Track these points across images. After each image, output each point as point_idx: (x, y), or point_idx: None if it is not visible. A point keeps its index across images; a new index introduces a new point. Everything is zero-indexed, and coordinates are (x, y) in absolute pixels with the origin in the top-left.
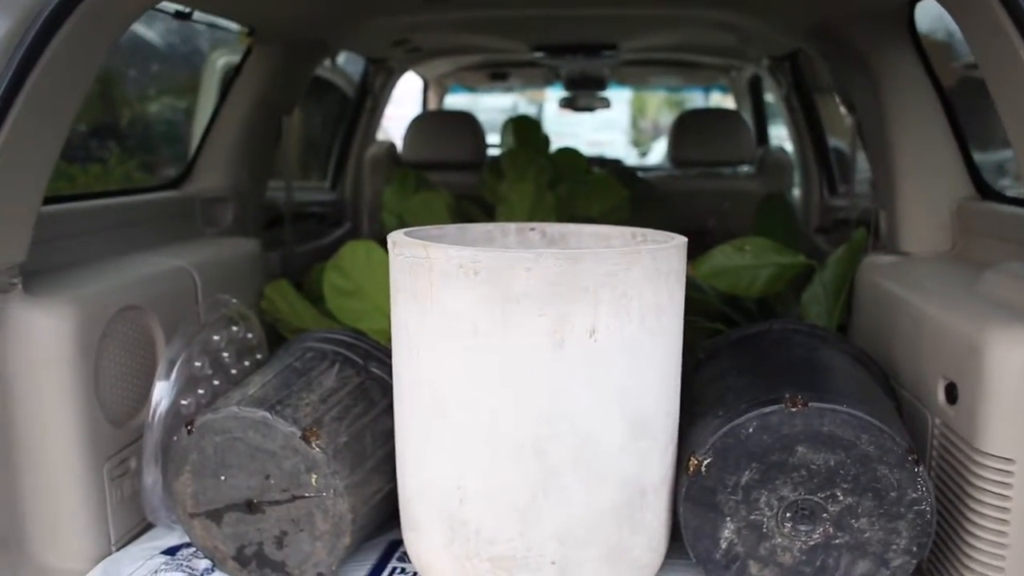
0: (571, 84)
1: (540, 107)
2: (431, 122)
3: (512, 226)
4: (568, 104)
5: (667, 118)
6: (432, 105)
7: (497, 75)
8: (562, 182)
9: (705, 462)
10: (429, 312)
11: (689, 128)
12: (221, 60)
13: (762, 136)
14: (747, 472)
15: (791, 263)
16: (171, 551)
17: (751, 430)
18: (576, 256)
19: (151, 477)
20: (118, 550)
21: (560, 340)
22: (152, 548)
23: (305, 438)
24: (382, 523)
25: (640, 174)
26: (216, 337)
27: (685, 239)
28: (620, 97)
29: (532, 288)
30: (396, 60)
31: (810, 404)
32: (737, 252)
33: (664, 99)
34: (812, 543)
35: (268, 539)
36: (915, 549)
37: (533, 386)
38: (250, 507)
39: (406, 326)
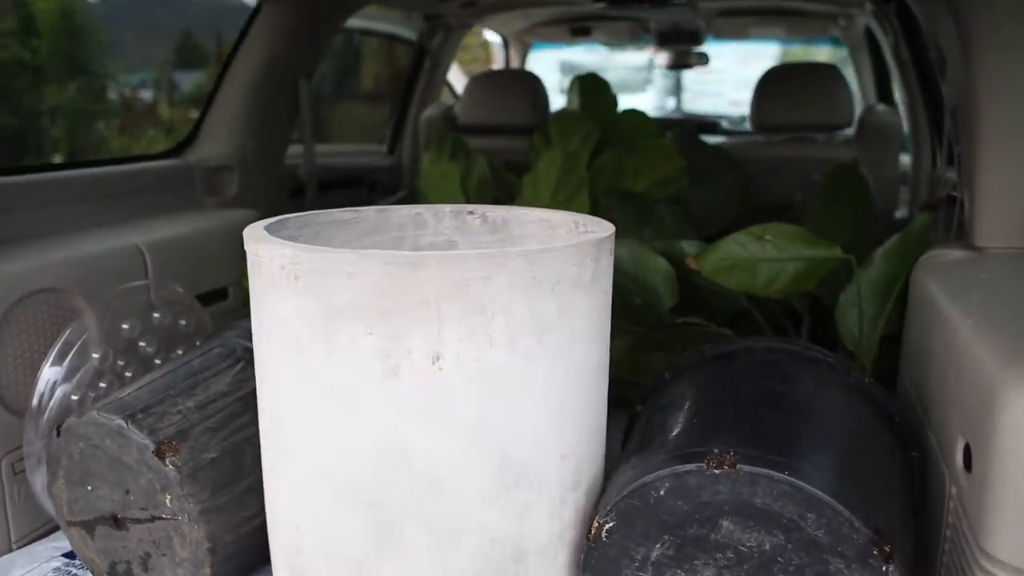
0: (662, 39)
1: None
2: (489, 82)
3: (447, 209)
4: (666, 63)
5: None
6: (515, 64)
7: (578, 30)
8: (608, 149)
9: (607, 526)
10: (261, 322)
11: (775, 87)
12: None
13: (884, 96)
14: (658, 545)
15: (824, 257)
16: (71, 555)
17: (663, 492)
18: (414, 259)
19: (39, 478)
20: (19, 548)
21: (394, 367)
22: (55, 549)
23: (159, 452)
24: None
25: (721, 140)
26: (126, 325)
27: (606, 233)
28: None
29: (356, 299)
30: (453, 16)
31: (739, 466)
32: (755, 241)
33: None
34: None
35: (135, 559)
36: None
37: (364, 421)
38: (116, 522)
39: (254, 338)
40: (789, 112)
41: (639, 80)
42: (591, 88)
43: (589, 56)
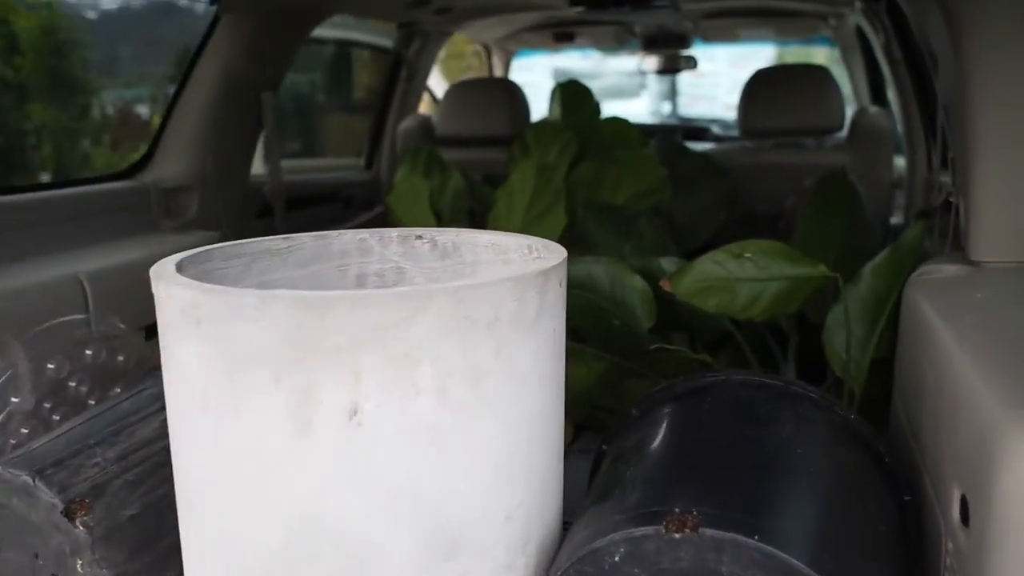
0: (648, 43)
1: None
2: (467, 92)
3: (394, 233)
4: (653, 68)
5: None
6: (498, 73)
7: (561, 36)
8: (586, 160)
9: None
10: (168, 371)
11: (763, 90)
12: None
13: (877, 98)
14: None
15: (809, 275)
16: None
17: (617, 558)
18: (324, 300)
19: None
20: None
21: (306, 421)
22: None
23: (69, 512)
24: None
25: (708, 146)
26: (52, 364)
27: (553, 262)
28: (760, 55)
29: (262, 346)
30: (428, 23)
31: (701, 529)
32: (734, 259)
33: (828, 54)
34: None
35: None
36: None
37: (275, 484)
38: None
39: (165, 389)
40: (778, 116)
41: (633, 85)
42: (573, 95)
43: (583, 62)
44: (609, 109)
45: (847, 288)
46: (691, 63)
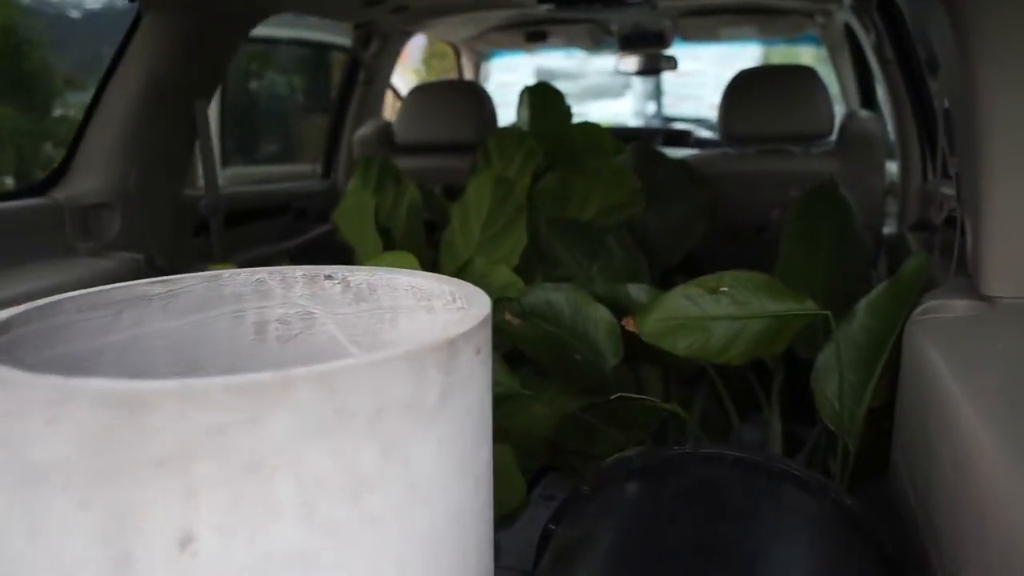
0: (625, 42)
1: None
2: (429, 96)
3: (299, 273)
4: (632, 69)
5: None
6: (468, 75)
7: (533, 35)
8: (557, 168)
9: None
10: None
11: (745, 93)
12: None
13: (867, 101)
14: None
15: (794, 312)
16: None
17: None
18: (142, 398)
19: None
20: None
21: (123, 556)
22: None
23: None
24: None
25: (688, 153)
26: None
27: (468, 326)
28: (746, 54)
29: (62, 456)
30: (386, 23)
31: None
32: (708, 294)
33: (814, 54)
34: None
35: None
36: None
37: None
38: None
39: None
40: (761, 121)
41: (618, 85)
42: (541, 99)
43: (567, 62)
44: (593, 109)
45: (840, 327)
46: (671, 64)
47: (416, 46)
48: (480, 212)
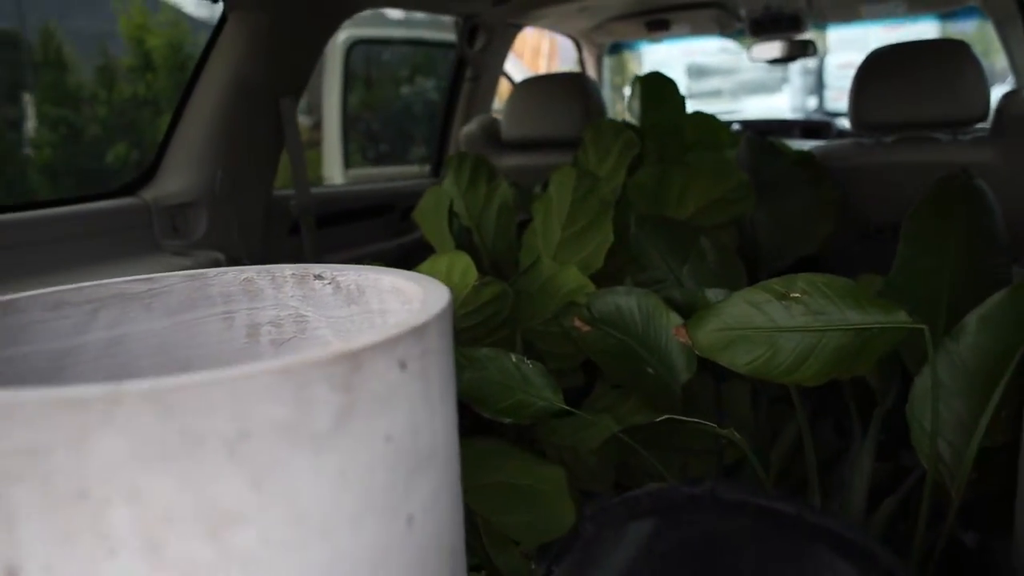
0: (756, 27)
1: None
2: (535, 90)
3: (288, 272)
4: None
5: None
6: (590, 69)
7: (654, 24)
8: (650, 162)
9: None
10: None
11: (882, 73)
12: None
13: None
14: None
15: (882, 326)
16: None
17: None
18: None
19: None
20: None
21: None
22: None
23: None
24: None
25: (816, 144)
26: None
27: (378, 337)
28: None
29: None
30: (489, 15)
31: None
32: (774, 302)
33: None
34: None
35: None
36: None
37: None
38: None
39: None
40: (900, 105)
41: (775, 79)
42: (654, 89)
43: (720, 57)
44: (748, 106)
45: (942, 345)
46: (811, 49)
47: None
48: (561, 209)
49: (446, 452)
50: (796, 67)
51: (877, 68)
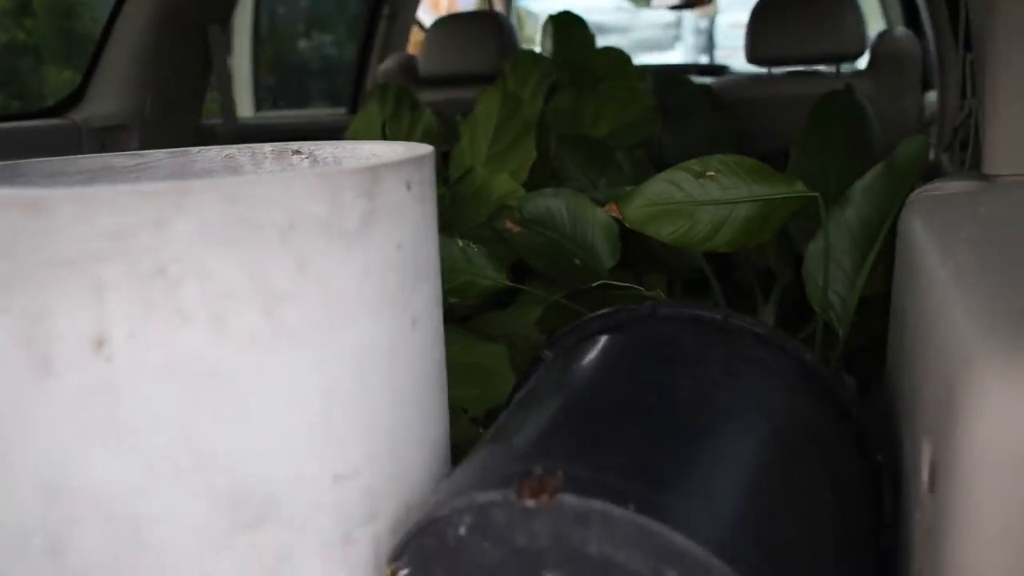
0: None
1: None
2: (451, 28)
3: (267, 149)
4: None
5: None
6: (499, 6)
7: None
8: (564, 90)
9: (401, 573)
10: None
11: (773, 12)
12: None
13: (911, 22)
14: None
15: (783, 196)
16: None
17: (462, 531)
18: (43, 203)
19: None
20: None
21: (44, 357)
22: None
23: None
24: None
25: (712, 80)
26: None
27: (394, 158)
28: None
29: None
30: None
31: (559, 495)
32: (694, 179)
33: None
34: None
35: None
36: None
37: (19, 438)
38: None
39: None
40: (789, 41)
41: (668, 38)
42: (564, 27)
43: (616, 15)
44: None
45: (831, 212)
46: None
47: None
48: (487, 128)
49: (435, 271)
50: (688, 26)
51: (770, 8)
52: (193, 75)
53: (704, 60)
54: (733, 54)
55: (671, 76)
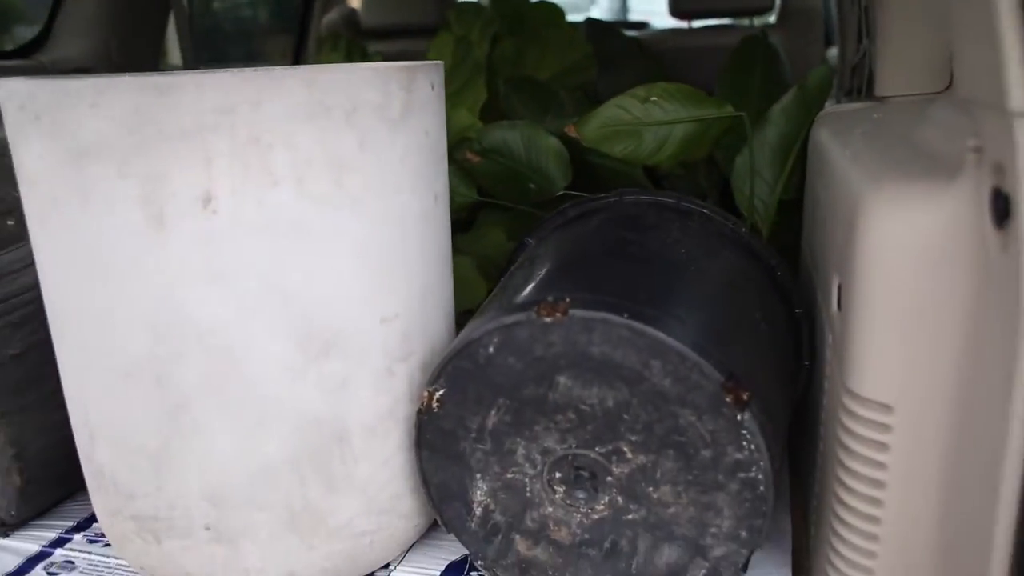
0: None
1: None
2: None
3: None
4: None
5: None
6: None
7: None
8: (506, 39)
9: (438, 394)
10: (20, 182)
11: None
12: None
13: None
14: (494, 412)
15: (716, 116)
16: None
17: (492, 350)
18: (166, 84)
19: None
20: None
21: (159, 214)
22: None
23: None
24: None
25: (637, 33)
26: None
27: (422, 64)
28: None
29: (105, 135)
30: None
31: (571, 312)
32: (640, 104)
33: None
34: (596, 516)
35: None
36: (744, 534)
37: (135, 284)
38: None
39: (24, 206)
40: None
41: (584, 1)
42: None
43: None
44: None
45: (754, 131)
46: None
47: None
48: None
49: (445, 161)
50: None
51: None
52: (152, 18)
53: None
54: (647, 17)
55: (602, 28)
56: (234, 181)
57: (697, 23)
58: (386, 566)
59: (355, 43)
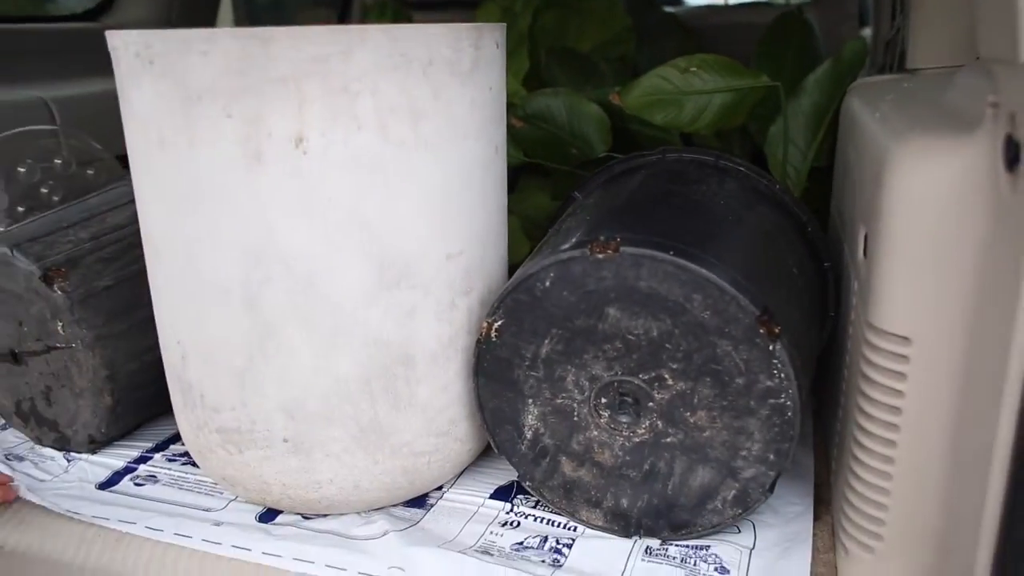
0: None
1: None
2: None
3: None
4: None
5: None
6: None
7: None
8: (549, 10)
9: (496, 324)
10: (127, 123)
11: None
12: None
13: None
14: (547, 341)
15: (753, 85)
16: None
17: (548, 284)
18: (267, 34)
19: None
20: None
21: (256, 151)
22: None
23: (47, 279)
24: None
25: (675, 9)
26: (23, 168)
27: (488, 24)
28: None
29: (213, 80)
30: None
31: (622, 249)
32: (680, 74)
33: None
34: (637, 440)
35: (37, 394)
36: (772, 457)
37: (231, 215)
38: (15, 357)
39: (127, 146)
40: None
41: None
42: None
43: None
44: None
45: (788, 101)
46: None
47: None
48: None
49: (504, 116)
50: None
51: None
52: None
53: None
54: None
55: (642, 2)
56: (324, 124)
57: (734, 0)
58: (439, 488)
59: (401, 10)
